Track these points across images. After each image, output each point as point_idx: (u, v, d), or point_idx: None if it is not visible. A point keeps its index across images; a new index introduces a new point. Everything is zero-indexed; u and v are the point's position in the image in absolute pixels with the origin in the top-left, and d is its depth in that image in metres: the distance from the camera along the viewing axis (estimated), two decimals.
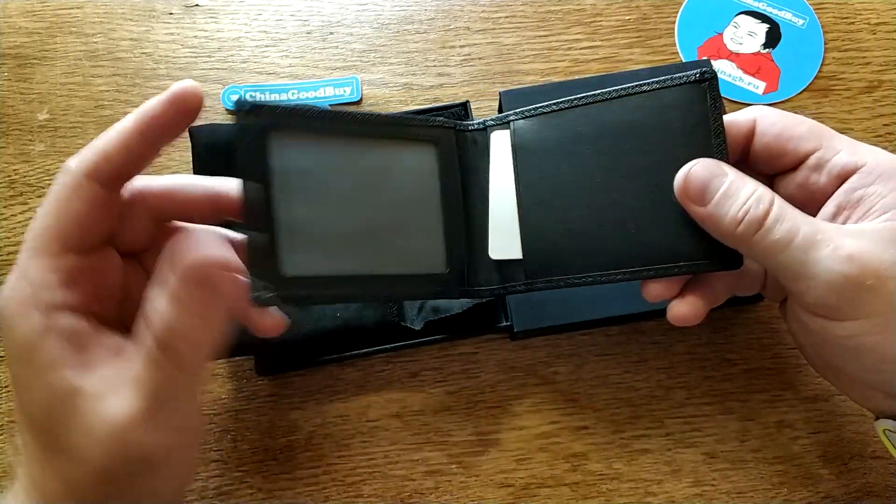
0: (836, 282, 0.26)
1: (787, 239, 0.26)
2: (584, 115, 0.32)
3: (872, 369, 0.28)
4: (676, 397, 0.39)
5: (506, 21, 0.47)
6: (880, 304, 0.26)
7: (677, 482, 0.37)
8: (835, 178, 0.29)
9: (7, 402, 0.39)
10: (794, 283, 0.27)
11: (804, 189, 0.30)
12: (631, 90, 0.31)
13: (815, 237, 0.26)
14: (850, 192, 0.28)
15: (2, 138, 0.44)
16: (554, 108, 0.33)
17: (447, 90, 0.45)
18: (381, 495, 0.37)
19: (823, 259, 0.26)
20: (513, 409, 0.39)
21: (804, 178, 0.30)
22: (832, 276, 0.26)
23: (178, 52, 0.46)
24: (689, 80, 0.30)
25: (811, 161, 0.30)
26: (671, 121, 0.30)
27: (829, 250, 0.26)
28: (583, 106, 0.32)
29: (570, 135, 0.32)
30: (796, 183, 0.30)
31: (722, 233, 0.28)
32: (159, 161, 0.43)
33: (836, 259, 0.26)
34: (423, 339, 0.38)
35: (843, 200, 0.29)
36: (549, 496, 0.37)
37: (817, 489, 0.37)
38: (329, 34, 0.47)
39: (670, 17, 0.47)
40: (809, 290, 0.27)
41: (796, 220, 0.27)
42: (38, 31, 0.47)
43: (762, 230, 0.27)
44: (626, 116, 0.31)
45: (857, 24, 0.46)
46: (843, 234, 0.27)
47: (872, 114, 0.44)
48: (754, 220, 0.27)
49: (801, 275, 0.27)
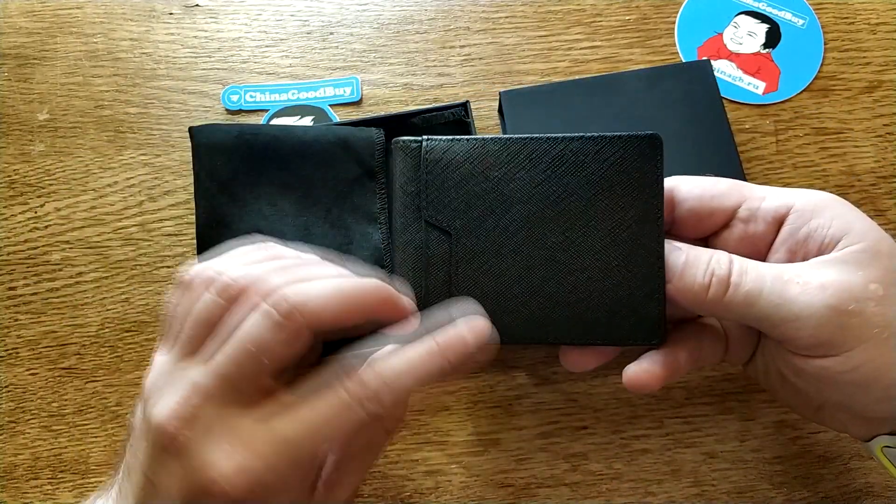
0: (820, 313, 0.26)
1: (757, 288, 0.27)
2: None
3: (882, 397, 0.27)
4: (676, 397, 0.39)
5: (506, 21, 0.47)
6: (868, 327, 0.26)
7: (677, 482, 0.37)
8: (771, 223, 0.29)
9: (7, 402, 0.39)
10: (779, 330, 0.27)
11: (744, 242, 0.30)
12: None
13: (783, 277, 0.27)
14: (793, 233, 0.29)
15: (2, 138, 0.44)
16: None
17: (447, 90, 0.45)
18: (381, 495, 0.37)
19: (798, 296, 0.26)
20: (513, 409, 0.39)
21: (741, 232, 0.30)
22: (814, 310, 0.26)
23: (178, 52, 0.46)
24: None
25: (742, 213, 0.30)
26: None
27: (801, 286, 0.26)
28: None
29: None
30: (734, 238, 0.30)
31: (694, 302, 0.28)
32: (159, 160, 0.44)
33: (810, 293, 0.26)
34: None
35: (792, 243, 0.29)
36: (549, 496, 0.37)
37: (817, 489, 0.37)
38: (329, 34, 0.47)
39: (670, 17, 0.47)
40: (798, 331, 0.26)
41: (759, 269, 0.27)
42: (38, 31, 0.47)
43: (731, 287, 0.27)
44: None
45: (857, 24, 0.46)
46: (806, 269, 0.27)
47: (872, 114, 0.44)
48: (721, 280, 0.27)
49: (783, 319, 0.26)
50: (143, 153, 0.44)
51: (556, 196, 0.29)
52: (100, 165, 0.44)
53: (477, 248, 0.30)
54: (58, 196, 0.43)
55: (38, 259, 0.42)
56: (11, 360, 0.40)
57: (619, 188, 0.29)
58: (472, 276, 0.29)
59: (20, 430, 0.39)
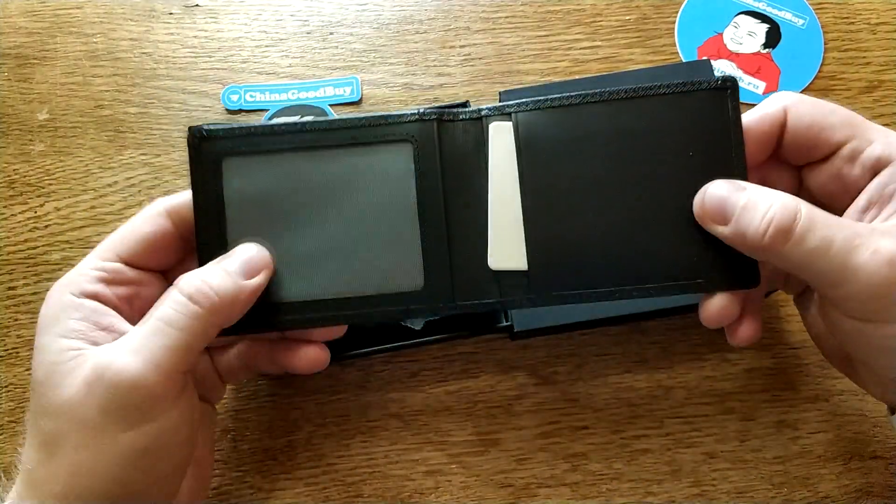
0: (879, 286, 0.25)
1: (823, 247, 0.26)
2: (595, 114, 0.30)
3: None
4: (676, 397, 0.39)
5: (506, 21, 0.47)
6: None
7: (677, 482, 0.37)
8: (868, 170, 0.28)
9: (7, 402, 0.39)
10: (832, 290, 0.27)
11: (837, 180, 0.29)
12: (648, 91, 0.29)
13: (853, 242, 0.26)
14: (882, 186, 0.28)
15: (2, 138, 0.44)
16: (563, 102, 0.30)
17: (447, 90, 0.45)
18: (381, 495, 0.37)
19: (864, 264, 0.25)
20: (513, 409, 0.39)
21: (837, 169, 0.29)
22: (874, 280, 0.25)
23: (178, 52, 0.46)
24: (710, 87, 0.29)
25: (844, 152, 0.29)
26: (690, 128, 0.29)
27: (869, 254, 0.25)
28: (595, 103, 0.30)
29: (580, 134, 0.30)
30: (828, 173, 0.29)
31: (750, 248, 0.27)
32: (159, 160, 0.44)
33: (877, 263, 0.25)
34: (423, 339, 0.38)
35: (875, 194, 0.28)
36: (549, 496, 0.37)
37: (817, 489, 0.37)
38: (329, 34, 0.47)
39: (670, 17, 0.47)
40: (850, 295, 0.26)
41: (830, 227, 0.26)
42: (38, 31, 0.47)
43: (793, 239, 0.26)
44: (643, 119, 0.29)
45: (857, 24, 0.46)
46: (879, 235, 0.26)
47: (873, 114, 0.44)
48: (781, 229, 0.26)
49: (840, 281, 0.26)
50: (143, 153, 0.44)
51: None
52: (100, 165, 0.44)
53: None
54: (58, 196, 0.43)
55: (38, 259, 0.42)
56: (11, 360, 0.40)
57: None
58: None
59: (20, 430, 0.39)
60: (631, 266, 0.29)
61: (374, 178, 0.30)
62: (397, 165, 0.30)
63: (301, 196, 0.30)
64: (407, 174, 0.30)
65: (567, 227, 0.29)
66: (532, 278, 0.30)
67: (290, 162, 0.30)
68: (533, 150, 0.30)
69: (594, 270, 0.29)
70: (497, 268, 0.30)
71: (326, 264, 0.30)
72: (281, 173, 0.30)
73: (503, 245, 0.30)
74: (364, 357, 0.39)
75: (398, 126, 0.30)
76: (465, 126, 0.31)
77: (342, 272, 0.30)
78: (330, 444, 0.38)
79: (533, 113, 0.30)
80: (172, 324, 0.27)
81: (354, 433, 0.38)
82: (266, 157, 0.30)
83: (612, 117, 0.29)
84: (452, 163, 0.31)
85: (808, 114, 0.29)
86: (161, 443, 0.27)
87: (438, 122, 0.30)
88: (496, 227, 0.30)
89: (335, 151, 0.30)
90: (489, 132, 0.31)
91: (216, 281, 0.28)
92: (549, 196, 0.30)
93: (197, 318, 0.27)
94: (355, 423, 0.38)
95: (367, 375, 0.39)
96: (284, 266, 0.30)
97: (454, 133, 0.31)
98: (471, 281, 0.30)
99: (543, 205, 0.30)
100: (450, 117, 0.31)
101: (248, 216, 0.30)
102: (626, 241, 0.29)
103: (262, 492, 0.37)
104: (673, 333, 0.40)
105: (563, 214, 0.30)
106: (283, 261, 0.30)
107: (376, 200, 0.30)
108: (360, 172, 0.30)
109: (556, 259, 0.30)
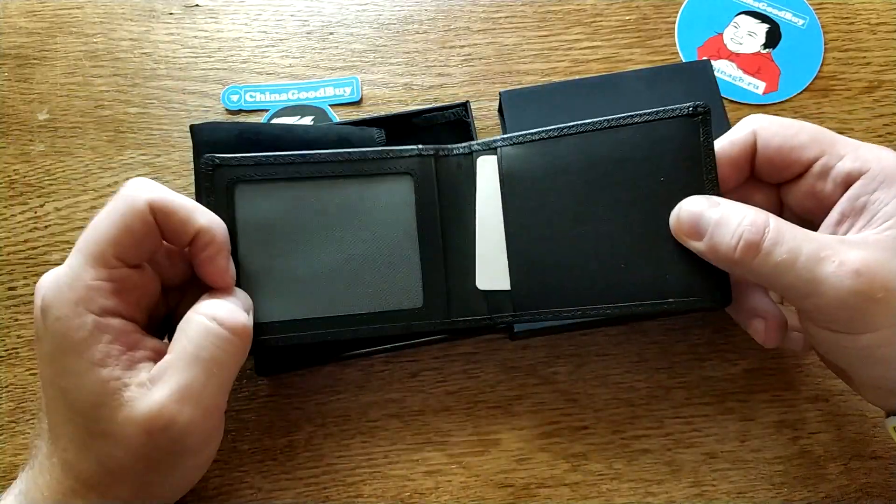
0: (846, 298, 0.26)
1: (790, 260, 0.26)
2: (573, 145, 0.32)
3: (886, 376, 0.28)
4: (676, 397, 0.39)
5: (506, 21, 0.47)
6: (891, 315, 0.26)
7: (677, 482, 0.37)
8: (839, 185, 0.29)
9: (7, 402, 0.39)
10: (802, 302, 0.27)
11: (811, 196, 0.30)
12: (622, 121, 0.31)
13: (819, 254, 0.26)
14: (853, 199, 0.28)
15: (2, 138, 0.44)
16: (543, 136, 0.32)
17: (447, 90, 0.45)
18: (381, 495, 0.37)
19: (830, 276, 0.26)
20: (513, 409, 0.39)
21: (810, 186, 0.30)
22: (841, 292, 0.26)
23: (178, 52, 0.46)
24: (681, 114, 0.30)
25: (815, 169, 0.29)
26: (662, 154, 0.30)
27: (835, 266, 0.26)
28: (572, 135, 0.32)
29: (559, 164, 0.32)
30: (803, 191, 0.30)
31: (722, 262, 0.28)
32: (159, 160, 0.44)
33: (843, 275, 0.26)
34: (423, 340, 0.38)
35: (847, 208, 0.28)
36: (549, 496, 0.37)
37: (817, 489, 0.37)
38: (329, 34, 0.47)
39: (670, 17, 0.47)
40: (818, 307, 0.27)
41: (797, 240, 0.27)
42: (38, 31, 0.47)
43: (761, 253, 0.27)
44: (617, 148, 0.31)
45: (857, 24, 0.46)
46: (846, 246, 0.26)
47: (873, 114, 0.44)
48: (749, 243, 0.27)
49: (808, 293, 0.26)
50: (143, 153, 0.44)
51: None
52: (100, 165, 0.44)
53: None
54: (58, 196, 0.43)
55: (38, 259, 0.42)
56: (11, 360, 0.40)
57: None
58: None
59: (20, 430, 0.39)
60: (605, 287, 0.31)
61: (376, 207, 0.33)
62: (399, 196, 0.33)
63: (308, 221, 0.32)
64: (408, 204, 0.33)
65: (545, 250, 0.32)
66: (515, 297, 0.33)
67: (298, 189, 0.32)
68: (514, 180, 0.33)
69: (571, 290, 0.31)
70: (484, 288, 0.33)
71: (333, 284, 0.32)
72: (289, 199, 0.32)
73: (489, 267, 0.33)
74: (364, 357, 0.39)
75: (399, 160, 0.33)
76: (459, 160, 0.34)
77: (347, 291, 0.32)
78: (330, 444, 0.38)
79: (515, 147, 0.33)
80: (223, 365, 0.28)
81: (354, 433, 0.38)
82: (276, 185, 0.32)
83: (586, 148, 0.32)
84: (448, 193, 0.34)
85: (777, 135, 0.30)
86: (207, 458, 0.32)
87: (435, 157, 0.34)
88: (483, 251, 0.33)
89: (341, 181, 0.33)
90: (477, 166, 0.34)
91: (244, 317, 0.30)
92: (529, 222, 0.32)
93: (241, 355, 0.29)
94: (355, 423, 0.38)
95: (367, 375, 0.39)
96: (294, 286, 0.32)
97: (448, 167, 0.34)
98: (464, 300, 0.33)
99: (524, 230, 0.32)
100: (445, 153, 0.34)
101: (258, 238, 0.32)
102: (600, 263, 0.31)
103: (262, 492, 0.37)
104: (673, 333, 0.40)
105: (542, 239, 0.32)
106: (292, 281, 0.32)
107: (378, 227, 0.33)
108: (363, 201, 0.33)
109: (536, 279, 0.32)
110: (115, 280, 0.29)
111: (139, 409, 0.27)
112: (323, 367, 0.39)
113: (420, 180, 0.33)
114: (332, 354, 0.38)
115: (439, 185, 0.34)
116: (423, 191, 0.33)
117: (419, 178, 0.33)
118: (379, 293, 0.32)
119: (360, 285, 0.32)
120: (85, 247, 0.29)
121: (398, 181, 0.33)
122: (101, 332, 0.28)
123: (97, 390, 0.28)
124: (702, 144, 0.30)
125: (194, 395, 0.28)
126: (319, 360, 0.39)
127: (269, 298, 0.32)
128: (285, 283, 0.32)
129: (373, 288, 0.32)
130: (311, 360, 0.38)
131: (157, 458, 0.28)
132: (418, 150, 0.33)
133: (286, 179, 0.32)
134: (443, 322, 0.33)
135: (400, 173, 0.33)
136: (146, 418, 0.27)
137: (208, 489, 0.37)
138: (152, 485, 0.30)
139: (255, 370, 0.38)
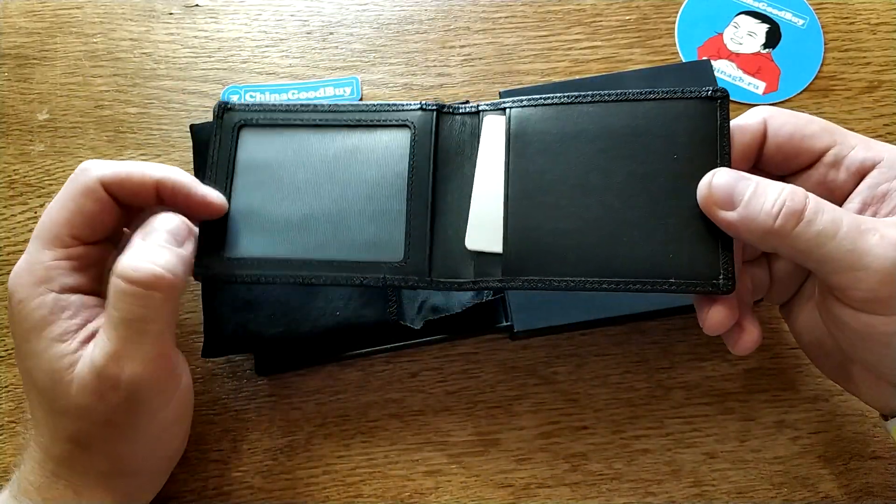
0: (889, 271, 0.25)
1: (832, 229, 0.26)
2: (587, 114, 0.31)
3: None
4: (676, 397, 0.39)
5: (506, 21, 0.47)
6: None
7: (677, 482, 0.37)
8: (854, 174, 0.29)
9: (7, 402, 0.39)
10: (839, 276, 0.26)
11: (822, 186, 0.29)
12: (640, 95, 0.30)
13: (860, 227, 0.26)
14: (873, 187, 0.28)
15: (2, 138, 0.44)
16: (556, 101, 0.31)
17: (447, 90, 0.45)
18: (381, 495, 0.37)
19: (874, 247, 0.25)
20: (513, 409, 0.39)
21: (822, 176, 0.29)
22: (885, 264, 0.25)
23: (178, 52, 0.46)
24: (700, 95, 0.30)
25: (828, 158, 0.29)
26: (677, 133, 0.30)
27: (877, 238, 0.25)
28: (587, 103, 0.31)
29: (570, 131, 0.31)
30: (813, 181, 0.30)
31: (757, 231, 0.27)
32: (159, 160, 0.44)
33: (888, 246, 0.25)
34: (423, 339, 0.38)
35: (868, 196, 0.28)
36: (549, 496, 0.37)
37: (817, 489, 0.37)
38: (329, 34, 0.47)
39: (670, 17, 0.47)
40: (859, 281, 0.26)
41: (837, 211, 0.26)
42: (38, 31, 0.47)
43: (804, 221, 0.26)
44: (632, 121, 0.30)
45: (857, 24, 0.46)
46: (884, 224, 0.26)
47: (873, 114, 0.44)
48: (793, 211, 0.26)
49: (849, 265, 0.26)
50: (143, 153, 0.44)
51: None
52: None
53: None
54: None
55: None
56: (11, 360, 0.40)
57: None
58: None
59: (20, 430, 0.39)
60: (604, 261, 0.30)
61: (372, 157, 0.33)
62: (394, 146, 0.33)
63: (304, 167, 0.33)
64: (402, 155, 0.33)
65: (545, 216, 0.31)
66: (506, 262, 0.31)
67: (299, 136, 0.33)
68: (521, 141, 0.32)
69: (567, 261, 0.30)
70: (473, 248, 0.31)
71: (318, 229, 0.32)
72: (290, 145, 0.33)
73: (482, 227, 0.32)
74: (364, 357, 0.39)
75: (401, 113, 0.33)
76: (464, 119, 0.33)
77: (330, 237, 0.32)
78: (330, 444, 0.38)
79: (526, 109, 0.32)
80: (145, 318, 0.28)
81: (354, 433, 0.38)
82: (279, 131, 0.33)
83: (602, 117, 0.31)
84: (447, 150, 0.33)
85: (788, 123, 0.30)
86: (176, 415, 0.32)
87: (438, 112, 0.33)
88: (478, 209, 0.32)
89: (341, 131, 0.33)
90: (483, 125, 0.33)
91: (162, 259, 0.28)
92: (532, 186, 0.31)
93: (163, 304, 0.28)
94: (355, 423, 0.38)
95: (367, 375, 0.39)
96: (279, 226, 0.32)
97: (452, 124, 0.33)
98: (448, 260, 0.32)
99: (525, 193, 0.31)
100: (450, 110, 0.33)
101: (254, 179, 0.32)
102: (602, 236, 0.30)
103: (262, 492, 0.37)
104: (673, 333, 0.40)
105: (543, 204, 0.31)
106: (278, 221, 0.32)
107: (370, 176, 0.32)
108: (361, 151, 0.33)
109: (532, 246, 0.31)
110: (74, 258, 0.30)
111: (84, 375, 0.28)
112: (323, 367, 0.39)
113: (418, 132, 0.33)
114: (332, 354, 0.38)
115: (440, 141, 0.33)
116: (420, 143, 0.32)
117: (417, 130, 0.33)
118: (361, 243, 0.32)
119: (344, 232, 0.32)
120: (40, 233, 0.30)
121: (397, 132, 0.33)
122: (62, 309, 0.29)
123: (54, 367, 0.28)
124: (719, 127, 0.29)
125: (128, 351, 0.28)
126: (319, 360, 0.39)
127: (252, 235, 0.32)
128: (271, 223, 0.32)
129: (356, 236, 0.32)
130: (311, 359, 0.38)
131: (118, 421, 0.29)
132: (421, 105, 0.33)
133: (289, 126, 0.33)
134: (422, 279, 0.31)
135: (399, 125, 0.33)
136: (92, 381, 0.28)
137: (208, 489, 0.37)
138: (124, 455, 0.30)
139: (256, 370, 0.38)
